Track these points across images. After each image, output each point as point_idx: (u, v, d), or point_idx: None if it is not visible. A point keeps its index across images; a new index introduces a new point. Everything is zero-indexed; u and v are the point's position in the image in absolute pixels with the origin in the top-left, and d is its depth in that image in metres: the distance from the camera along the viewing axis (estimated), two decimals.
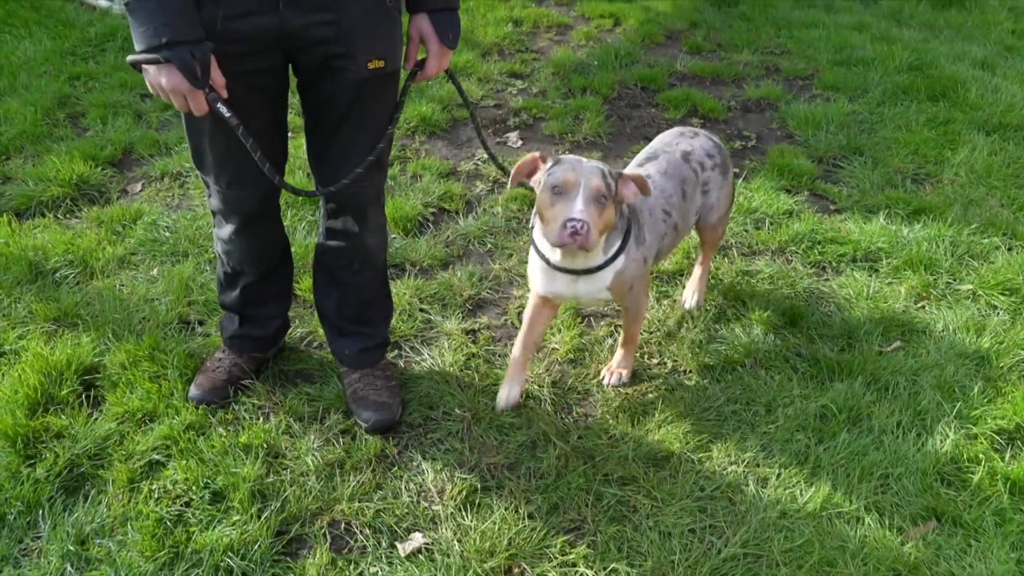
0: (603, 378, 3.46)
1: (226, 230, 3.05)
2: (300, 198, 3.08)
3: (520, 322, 3.72)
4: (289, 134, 2.99)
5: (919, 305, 3.92)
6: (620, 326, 3.74)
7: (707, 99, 5.95)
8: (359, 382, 3.30)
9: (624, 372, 3.45)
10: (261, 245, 3.14)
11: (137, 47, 2.37)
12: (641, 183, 2.90)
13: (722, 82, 6.41)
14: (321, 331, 3.58)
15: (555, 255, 2.96)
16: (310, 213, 4.38)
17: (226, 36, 2.48)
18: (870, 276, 4.10)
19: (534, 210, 2.93)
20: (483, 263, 4.18)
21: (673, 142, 3.50)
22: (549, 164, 2.85)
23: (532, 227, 3.06)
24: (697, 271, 3.90)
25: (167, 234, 4.27)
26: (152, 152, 5.08)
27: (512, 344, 3.51)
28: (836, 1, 8.35)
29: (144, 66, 2.39)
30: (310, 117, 2.86)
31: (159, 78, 2.39)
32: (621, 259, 3.02)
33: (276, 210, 3.13)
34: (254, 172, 2.79)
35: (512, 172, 2.89)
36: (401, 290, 3.91)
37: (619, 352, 3.46)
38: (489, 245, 4.32)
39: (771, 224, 4.51)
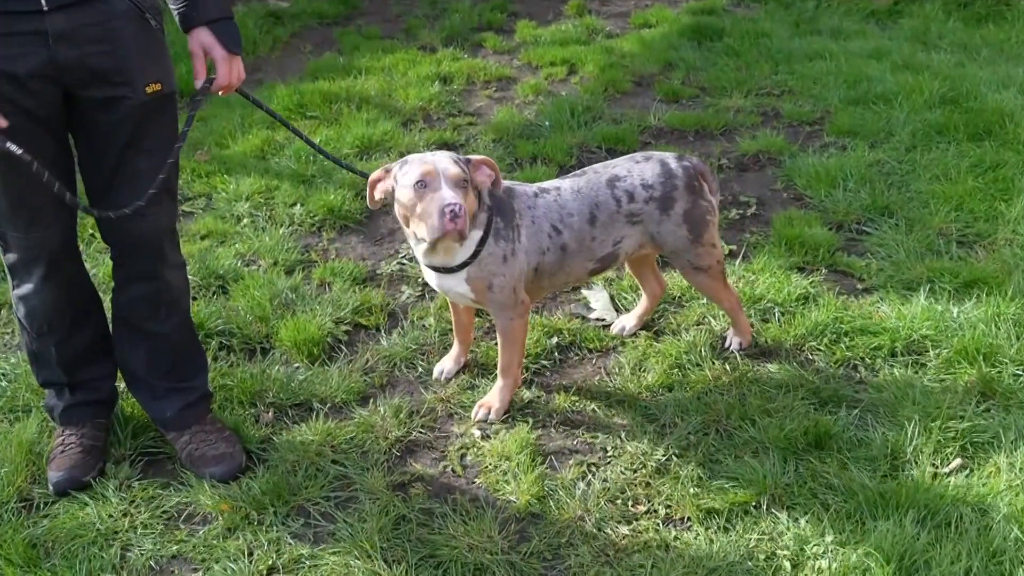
0: (473, 414, 3.97)
1: (30, 284, 3.50)
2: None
3: (463, 468, 3.71)
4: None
5: (982, 407, 3.85)
6: (593, 464, 3.69)
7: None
8: (191, 443, 3.74)
9: (494, 408, 3.95)
10: (67, 293, 3.58)
11: None
12: (491, 166, 3.61)
13: (709, 135, 6.43)
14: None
15: (418, 254, 3.71)
16: None
17: (2, 78, 3.03)
18: (915, 373, 4.05)
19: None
20: (413, 393, 4.12)
21: (613, 164, 4.04)
22: (396, 167, 3.57)
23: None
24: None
25: (4, 384, 4.21)
26: None
27: (453, 498, 3.51)
28: (845, 24, 8.47)
29: None
30: (89, 152, 3.38)
31: None
32: (481, 253, 3.68)
33: (78, 253, 3.62)
34: (52, 209, 3.34)
35: (368, 193, 3.66)
36: (306, 436, 3.83)
37: (497, 382, 3.99)
38: (420, 369, 4.26)
39: (782, 315, 4.47)
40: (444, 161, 3.47)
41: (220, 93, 3.46)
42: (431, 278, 3.83)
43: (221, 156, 6.18)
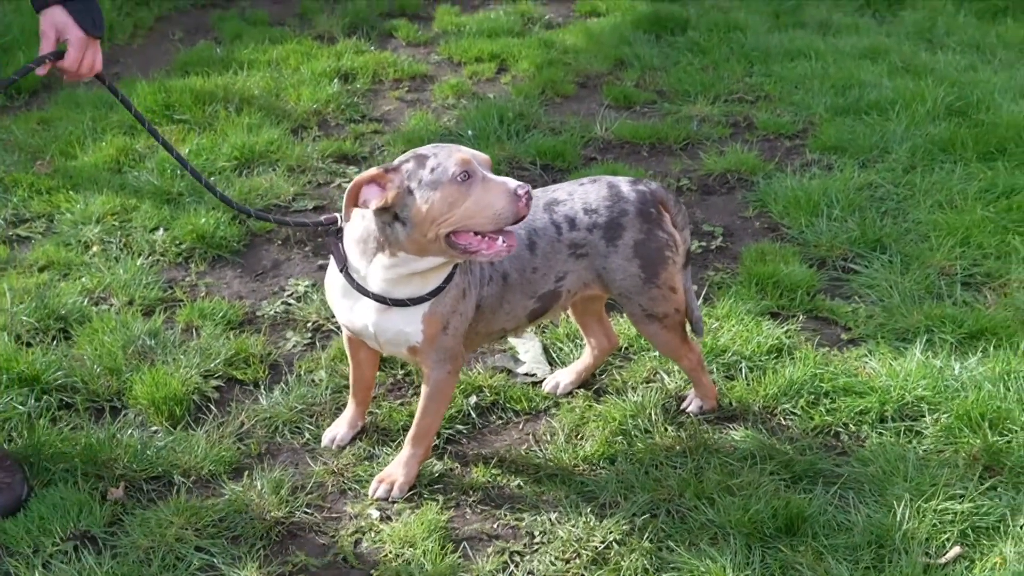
0: (371, 490, 3.98)
1: None
2: None
3: (356, 558, 3.68)
4: None
5: (986, 485, 3.91)
6: (517, 552, 3.70)
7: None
8: None
9: (397, 482, 3.95)
10: None
11: None
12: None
13: (667, 150, 6.50)
14: None
15: (378, 281, 3.65)
16: None
17: None
18: (908, 443, 4.11)
19: (347, 228, 3.68)
20: (299, 464, 4.12)
21: (555, 187, 4.14)
22: (411, 165, 3.50)
23: (340, 246, 3.74)
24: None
25: None
26: None
27: None
28: (834, 16, 8.58)
29: None
30: None
31: None
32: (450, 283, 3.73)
33: None
34: None
35: (349, 196, 3.49)
36: (164, 517, 3.80)
37: (403, 451, 4.00)
38: (308, 435, 4.25)
39: (750, 371, 4.52)
40: (464, 147, 3.56)
41: (64, 78, 3.50)
42: (360, 316, 3.78)
43: (67, 168, 6.14)
